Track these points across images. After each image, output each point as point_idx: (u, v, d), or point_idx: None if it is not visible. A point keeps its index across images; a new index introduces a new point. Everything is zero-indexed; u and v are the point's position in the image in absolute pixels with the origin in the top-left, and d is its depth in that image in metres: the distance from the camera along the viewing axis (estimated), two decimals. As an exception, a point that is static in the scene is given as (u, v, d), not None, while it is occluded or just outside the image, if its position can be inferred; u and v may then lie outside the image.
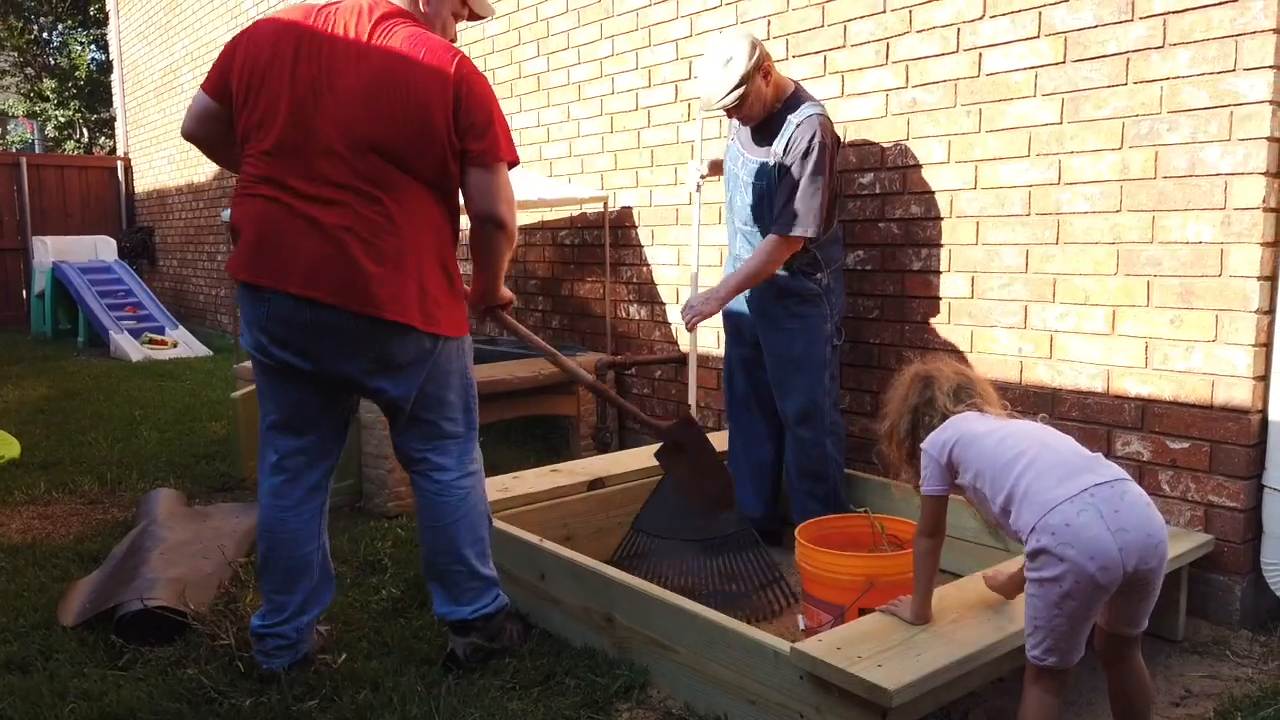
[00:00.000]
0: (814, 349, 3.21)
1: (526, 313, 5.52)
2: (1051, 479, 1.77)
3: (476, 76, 2.26)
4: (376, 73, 2.20)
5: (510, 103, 5.41)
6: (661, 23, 4.39)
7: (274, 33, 2.27)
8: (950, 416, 2.00)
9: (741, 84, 3.08)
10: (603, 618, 2.52)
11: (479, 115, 2.24)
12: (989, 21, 3.13)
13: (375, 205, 2.22)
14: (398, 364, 2.30)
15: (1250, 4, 2.55)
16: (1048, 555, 1.72)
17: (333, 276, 2.21)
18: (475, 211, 2.32)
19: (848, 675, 1.88)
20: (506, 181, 2.33)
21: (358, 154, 2.20)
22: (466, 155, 2.26)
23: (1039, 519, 1.73)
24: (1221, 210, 2.63)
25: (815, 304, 3.21)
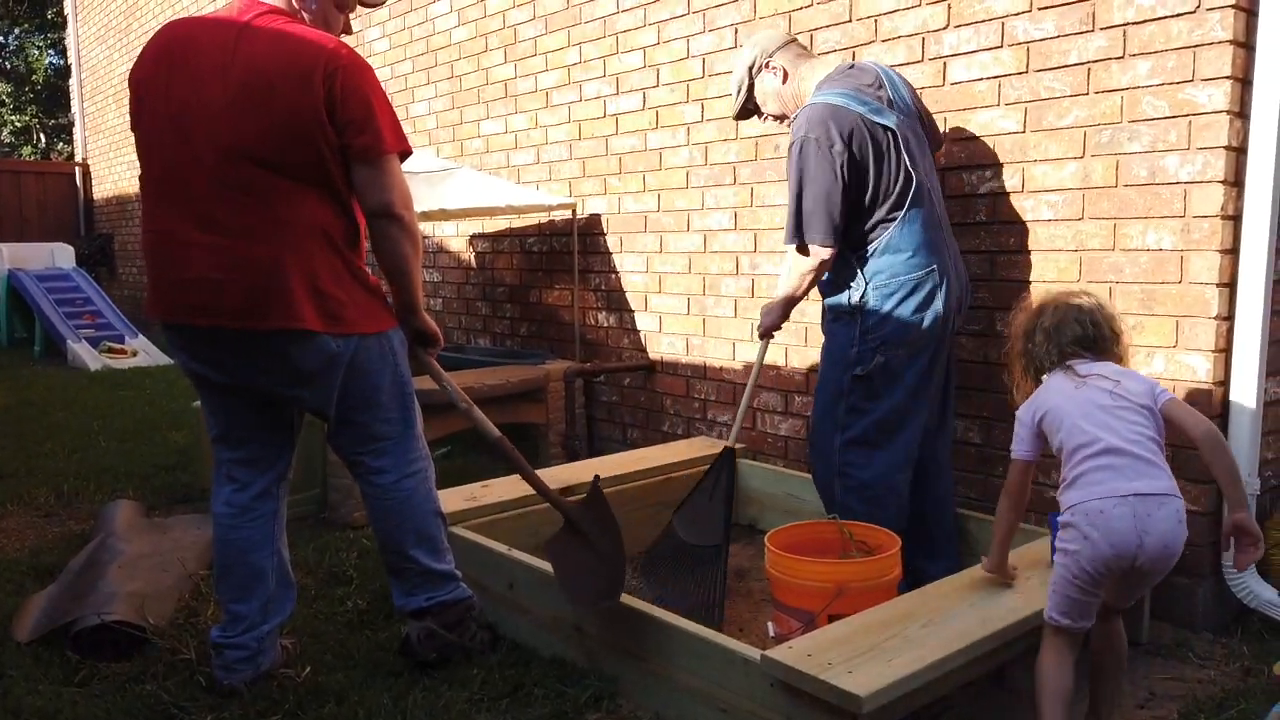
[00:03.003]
0: (831, 372, 2.83)
1: (495, 320, 5.49)
2: (1107, 474, 1.95)
3: (352, 68, 2.18)
4: (241, 80, 2.14)
5: (478, 109, 5.39)
6: (629, 30, 4.39)
7: (154, 54, 2.25)
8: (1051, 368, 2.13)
9: (738, 88, 3.02)
10: (572, 627, 2.50)
11: (356, 109, 2.17)
12: (953, 31, 3.16)
13: (251, 215, 2.16)
14: (306, 371, 2.25)
15: (1208, 16, 2.60)
16: (1075, 530, 1.96)
17: (216, 299, 2.17)
18: (367, 208, 2.26)
19: (818, 682, 1.87)
20: (397, 173, 2.26)
21: (230, 165, 2.15)
22: (348, 151, 2.20)
23: (1080, 501, 1.96)
24: (1181, 218, 2.67)
25: (843, 322, 2.80)
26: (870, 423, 2.73)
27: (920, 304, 2.69)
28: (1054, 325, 2.13)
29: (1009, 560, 2.36)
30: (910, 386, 2.73)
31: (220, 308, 2.18)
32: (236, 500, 2.38)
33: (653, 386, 4.47)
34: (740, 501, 3.78)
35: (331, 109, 2.16)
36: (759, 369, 3.10)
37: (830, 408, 2.80)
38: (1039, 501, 3.03)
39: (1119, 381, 2.03)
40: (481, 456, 4.45)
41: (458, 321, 5.79)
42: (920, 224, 2.71)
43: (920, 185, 2.71)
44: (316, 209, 2.22)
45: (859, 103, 2.69)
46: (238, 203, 2.16)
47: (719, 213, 4.08)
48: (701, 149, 4.12)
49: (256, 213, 2.17)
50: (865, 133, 2.66)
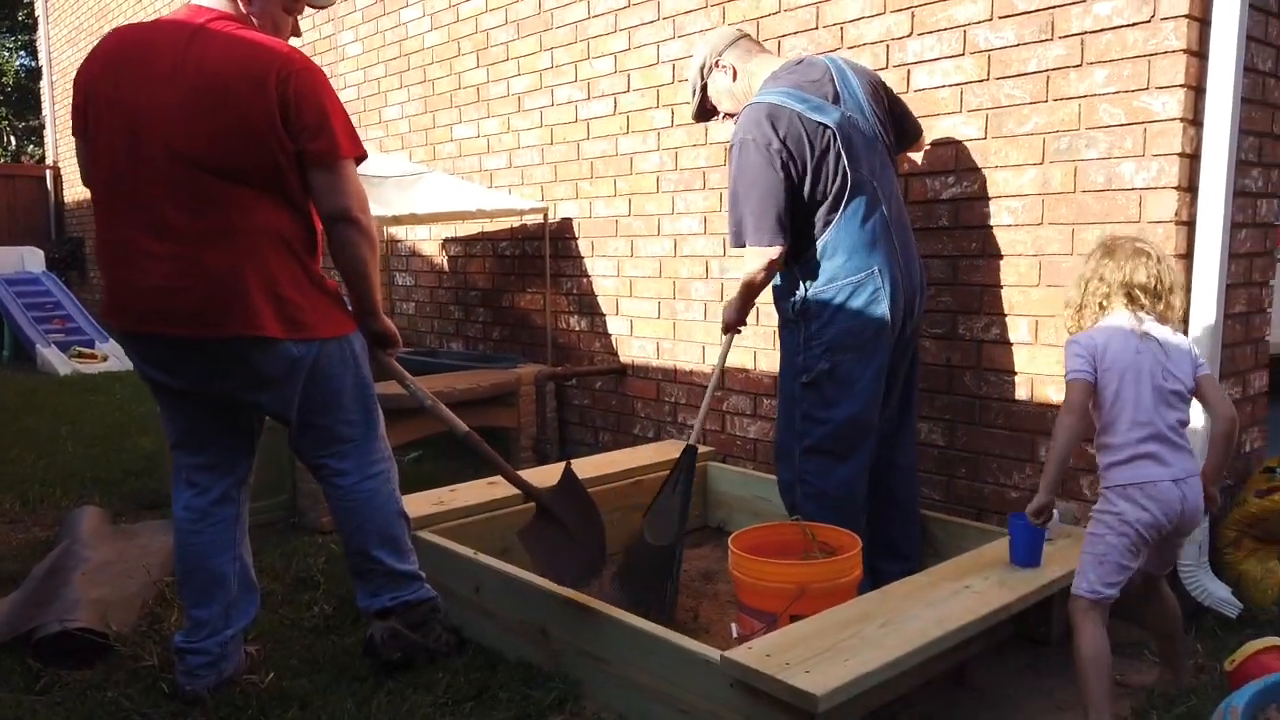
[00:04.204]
0: (784, 380, 2.83)
1: (467, 324, 5.49)
2: (1153, 461, 2.17)
3: (305, 74, 2.18)
4: (193, 84, 2.13)
5: (450, 113, 5.39)
6: (600, 36, 4.41)
7: (102, 59, 2.24)
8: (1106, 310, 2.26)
9: (693, 90, 3.02)
10: (537, 630, 2.51)
11: (310, 114, 2.17)
12: (916, 39, 3.20)
13: (206, 222, 2.16)
14: (267, 377, 2.26)
15: (1162, 25, 2.65)
16: (1130, 503, 2.17)
17: (173, 307, 2.17)
18: (324, 213, 2.26)
19: (775, 681, 1.89)
20: (353, 178, 2.26)
21: (184, 171, 2.14)
22: (303, 156, 2.20)
23: (1135, 481, 2.17)
24: (1136, 224, 2.72)
25: (789, 329, 2.80)
26: (828, 432, 2.70)
27: (863, 306, 2.66)
28: (1129, 262, 2.26)
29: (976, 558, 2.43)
30: (865, 393, 2.70)
31: (177, 315, 2.18)
32: (196, 505, 2.38)
33: (624, 390, 4.48)
34: (709, 504, 3.82)
35: (286, 114, 2.16)
36: (722, 366, 3.08)
37: (788, 415, 2.79)
38: (999, 502, 3.07)
39: (1169, 355, 2.21)
40: (452, 461, 4.45)
41: (431, 326, 5.78)
42: (859, 225, 2.68)
43: (861, 185, 2.68)
44: (273, 214, 2.22)
45: (799, 100, 2.66)
46: (192, 209, 2.16)
47: (689, 217, 4.11)
48: (671, 154, 4.15)
49: (212, 219, 2.17)
50: (802, 131, 2.63)
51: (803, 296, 2.72)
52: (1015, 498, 3.03)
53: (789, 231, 2.68)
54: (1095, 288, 2.29)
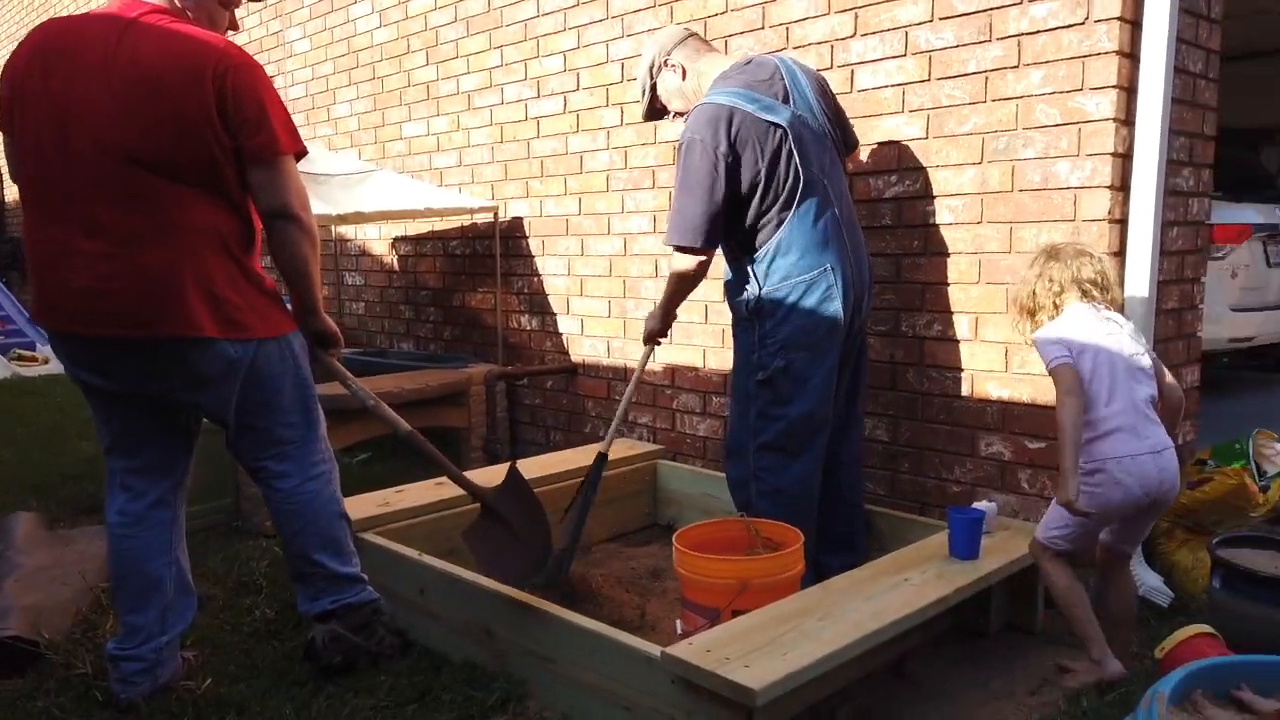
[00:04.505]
0: (738, 378, 2.84)
1: (418, 323, 5.45)
2: (1129, 434, 2.31)
3: (243, 68, 2.15)
4: (126, 78, 2.09)
5: (399, 111, 5.34)
6: (550, 34, 4.40)
7: (29, 52, 2.18)
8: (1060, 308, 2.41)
9: (642, 90, 3.02)
10: (482, 631, 2.50)
11: (249, 109, 2.14)
12: (860, 40, 3.23)
13: (140, 219, 2.11)
14: (204, 377, 2.22)
15: (1096, 27, 2.70)
16: (1107, 475, 2.30)
17: (106, 307, 2.12)
18: (263, 209, 2.23)
19: (714, 677, 1.90)
20: (293, 174, 2.24)
21: (116, 169, 2.10)
22: (242, 153, 2.17)
23: (1115, 455, 2.30)
24: (1071, 222, 2.77)
25: (743, 327, 2.81)
26: (783, 429, 2.72)
27: (816, 304, 2.69)
28: (1073, 261, 2.42)
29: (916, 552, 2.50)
30: (819, 390, 2.71)
31: (110, 316, 2.13)
32: (131, 509, 2.33)
33: (575, 389, 4.48)
34: (659, 502, 3.83)
35: (223, 110, 2.13)
36: (640, 375, 3.11)
37: (743, 412, 2.80)
38: (941, 496, 3.12)
39: (1132, 335, 2.39)
40: (402, 462, 4.41)
41: (381, 325, 5.72)
42: (812, 223, 2.70)
43: (813, 184, 2.70)
44: (209, 212, 2.18)
45: (749, 100, 2.67)
46: (125, 207, 2.11)
47: (639, 216, 4.11)
48: (621, 153, 4.15)
49: (146, 217, 2.12)
50: (752, 132, 2.64)
51: (757, 295, 2.73)
52: (957, 491, 3.08)
53: (719, 238, 2.72)
54: (1047, 288, 2.41)
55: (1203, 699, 1.98)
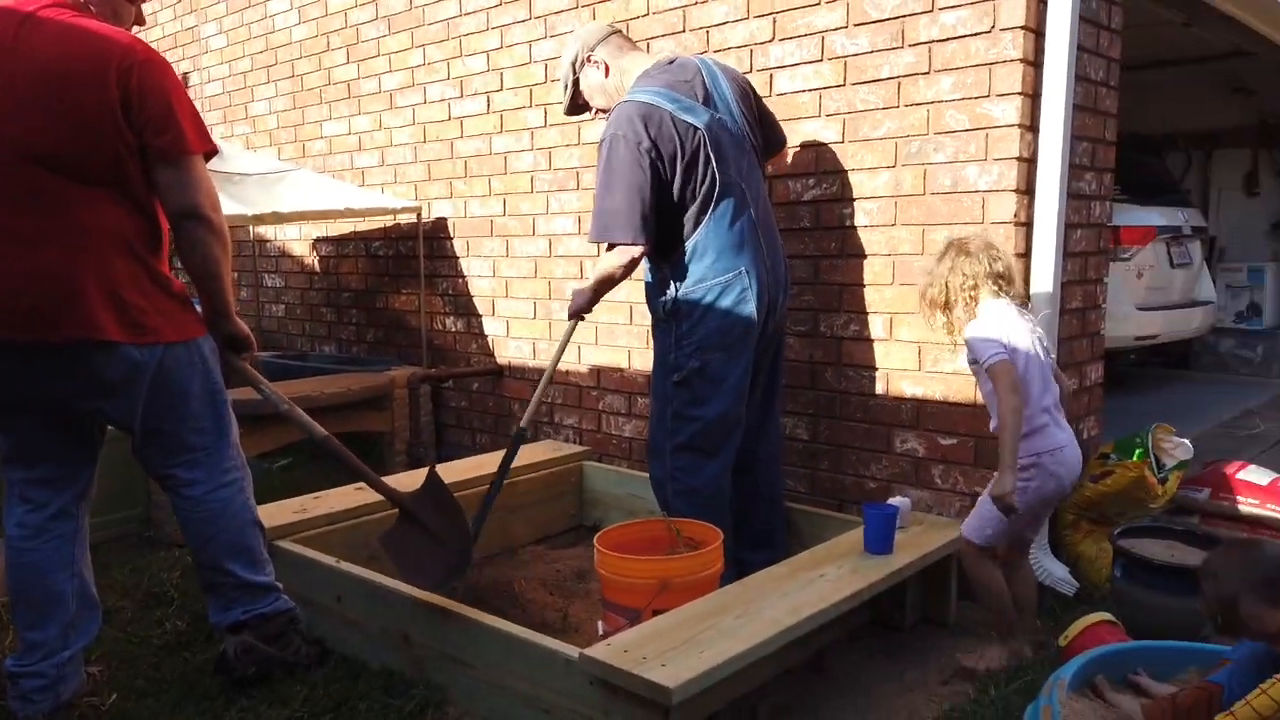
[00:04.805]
0: (656, 379, 2.85)
1: (340, 326, 5.35)
2: (1054, 427, 2.47)
3: (150, 65, 2.09)
4: (25, 75, 2.03)
5: (320, 109, 5.25)
6: (472, 34, 4.37)
7: None
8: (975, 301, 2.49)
9: (564, 85, 3.00)
10: (400, 637, 2.47)
11: (155, 107, 2.09)
12: (778, 44, 3.28)
13: (41, 219, 2.05)
14: (108, 382, 2.16)
15: (1002, 35, 2.79)
16: (1041, 469, 2.44)
17: (4, 309, 2.05)
18: (171, 210, 2.18)
19: (631, 676, 1.91)
20: (202, 174, 2.18)
21: (14, 167, 2.03)
22: (148, 151, 2.11)
23: (1047, 448, 2.44)
24: (980, 224, 2.85)
25: (661, 328, 2.83)
26: (698, 430, 2.73)
27: (731, 306, 2.70)
28: (983, 255, 2.49)
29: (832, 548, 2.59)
30: (733, 390, 2.73)
31: (9, 319, 2.05)
32: (31, 521, 2.25)
33: (501, 391, 4.45)
34: (585, 503, 3.83)
35: (128, 107, 2.06)
36: (563, 349, 3.10)
37: (660, 413, 2.81)
38: (859, 492, 3.18)
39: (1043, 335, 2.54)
40: (323, 467, 4.32)
41: (302, 328, 5.61)
42: (728, 226, 2.71)
43: (729, 186, 2.72)
44: (113, 213, 2.12)
45: (670, 100, 2.69)
46: (26, 207, 2.04)
47: (563, 217, 4.10)
48: (545, 154, 4.14)
49: (47, 217, 2.05)
50: (673, 132, 2.65)
51: (673, 296, 2.75)
52: (873, 488, 3.14)
53: (652, 231, 2.70)
54: (961, 283, 2.47)
55: (1102, 684, 2.07)
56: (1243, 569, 1.80)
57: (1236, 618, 1.80)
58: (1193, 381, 6.52)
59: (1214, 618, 1.86)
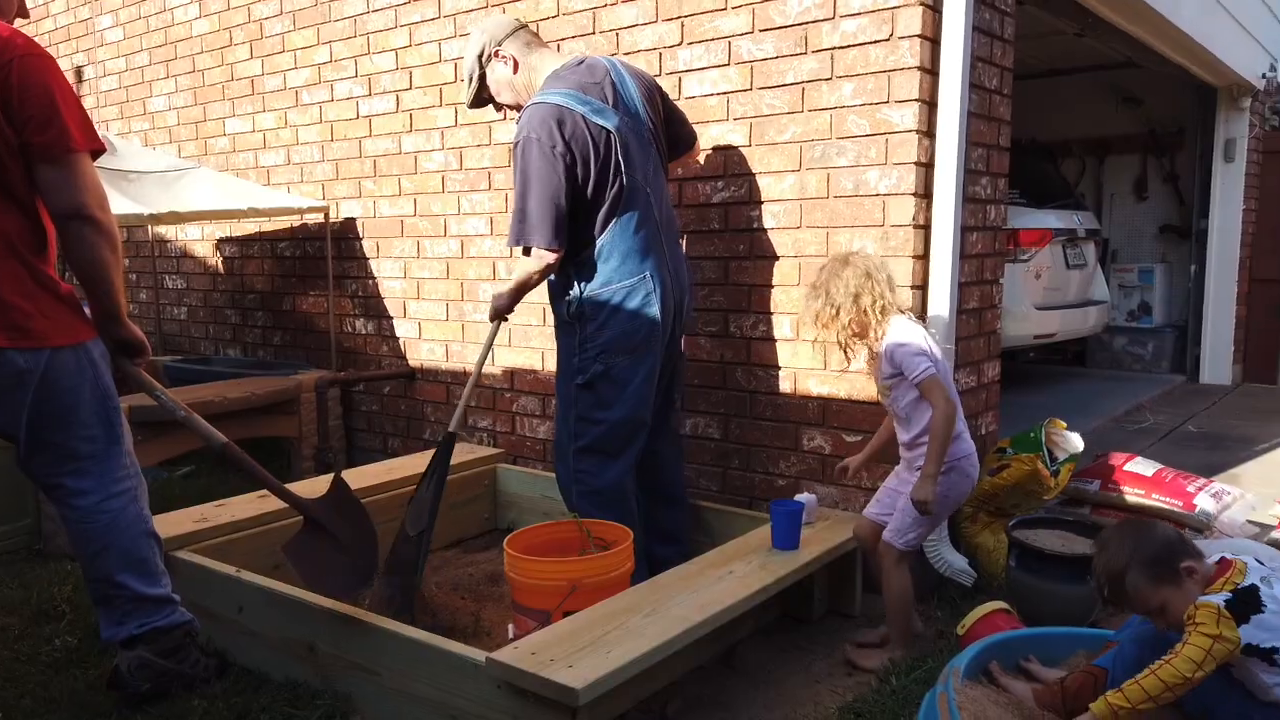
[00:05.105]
0: (560, 382, 2.87)
1: (245, 329, 5.20)
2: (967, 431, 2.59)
3: (30, 60, 2.02)
4: None
5: (222, 106, 5.09)
6: (380, 31, 4.30)
7: None
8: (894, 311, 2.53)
9: (470, 77, 2.93)
10: (304, 647, 2.41)
11: (36, 103, 2.02)
12: (686, 48, 3.31)
13: None
14: None
15: (900, 43, 2.87)
16: (960, 473, 2.53)
17: None
18: (55, 210, 2.10)
19: (537, 679, 1.91)
20: (89, 172, 2.11)
21: None
22: (30, 150, 2.04)
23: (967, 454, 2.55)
24: (881, 227, 2.93)
25: (565, 331, 2.83)
26: (602, 433, 2.75)
27: (636, 310, 2.72)
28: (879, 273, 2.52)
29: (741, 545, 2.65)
30: (637, 394, 2.75)
31: None
32: None
33: (413, 394, 4.39)
34: (500, 505, 3.81)
35: (7, 104, 1.98)
36: (487, 350, 3.05)
37: (564, 415, 2.82)
38: (769, 490, 3.23)
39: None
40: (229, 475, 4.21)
41: (205, 331, 5.44)
42: (634, 229, 2.73)
43: (636, 190, 2.74)
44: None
45: (581, 102, 2.68)
46: None
47: (475, 218, 4.07)
48: (456, 153, 4.10)
49: None
50: (586, 134, 2.64)
51: (578, 299, 2.75)
52: (782, 485, 3.20)
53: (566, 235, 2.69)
54: (872, 302, 2.48)
55: (996, 670, 2.14)
56: (1134, 546, 1.89)
57: (1122, 590, 1.88)
58: (1088, 378, 6.81)
59: (1102, 588, 1.93)
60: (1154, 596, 1.86)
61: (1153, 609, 1.88)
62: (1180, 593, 1.84)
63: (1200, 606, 1.78)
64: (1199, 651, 1.74)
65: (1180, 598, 1.84)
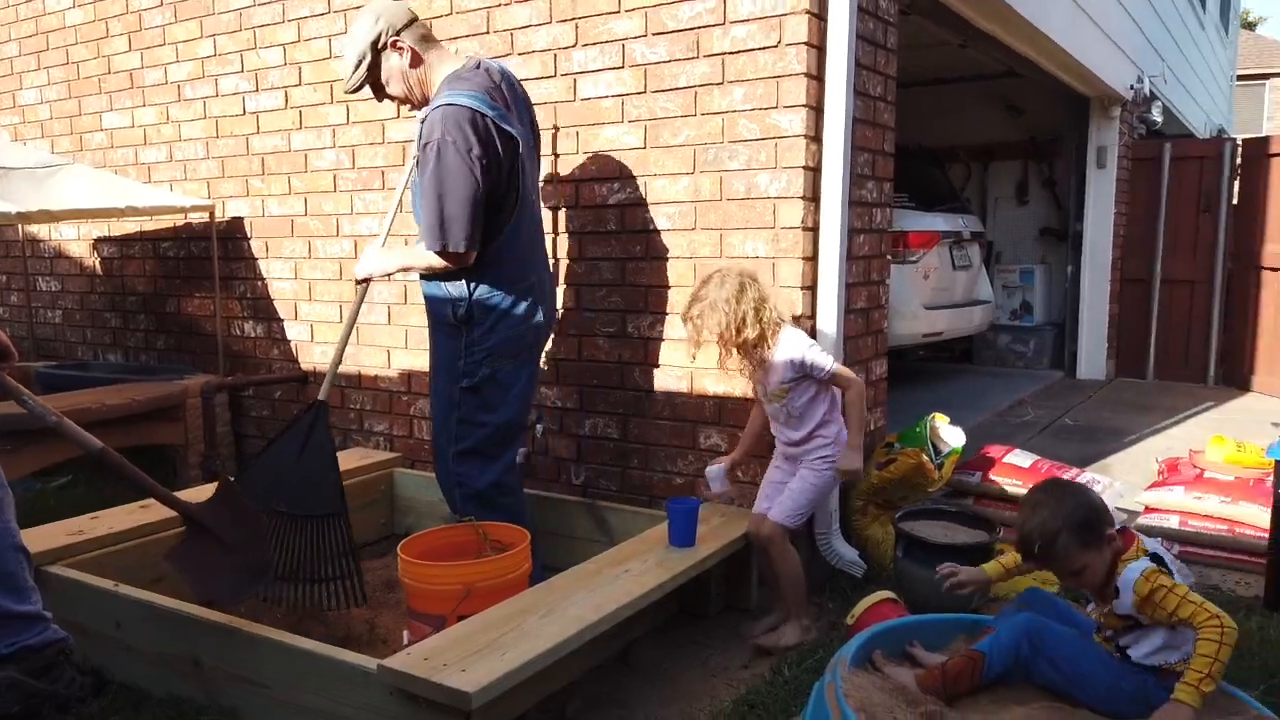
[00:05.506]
0: (441, 384, 2.83)
1: (126, 333, 4.98)
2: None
3: None
4: None
5: (99, 99, 4.87)
6: (267, 25, 4.17)
7: None
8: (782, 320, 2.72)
9: (359, 61, 2.80)
10: (188, 661, 2.33)
11: None
12: (581, 50, 3.32)
13: None
14: None
15: (787, 50, 2.94)
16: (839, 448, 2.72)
17: None
18: None
19: (428, 684, 1.89)
20: None
21: None
22: None
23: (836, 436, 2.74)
24: (772, 229, 3.00)
25: (450, 335, 2.80)
26: (486, 435, 2.77)
27: (523, 314, 2.76)
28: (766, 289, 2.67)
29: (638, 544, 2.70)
30: (520, 397, 2.81)
31: None
32: None
33: (306, 398, 4.27)
34: (397, 510, 3.74)
35: None
36: (354, 317, 2.97)
37: (444, 419, 2.80)
38: (667, 488, 3.27)
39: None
40: (107, 485, 4.02)
41: (82, 336, 5.18)
42: (523, 237, 2.76)
43: (525, 196, 2.76)
44: None
45: (489, 107, 2.66)
46: None
47: (369, 217, 3.99)
48: (349, 152, 4.01)
49: None
50: (495, 139, 2.64)
51: (468, 303, 2.73)
52: (680, 483, 3.24)
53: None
54: (768, 315, 2.61)
55: (880, 658, 2.22)
56: (1070, 509, 1.97)
57: (1053, 550, 1.96)
58: (974, 374, 7.10)
59: (1032, 546, 1.99)
60: (1080, 559, 1.96)
61: (1075, 569, 1.98)
62: (1100, 557, 1.96)
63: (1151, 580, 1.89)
64: (1197, 609, 1.85)
65: (1100, 562, 1.95)
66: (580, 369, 3.44)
